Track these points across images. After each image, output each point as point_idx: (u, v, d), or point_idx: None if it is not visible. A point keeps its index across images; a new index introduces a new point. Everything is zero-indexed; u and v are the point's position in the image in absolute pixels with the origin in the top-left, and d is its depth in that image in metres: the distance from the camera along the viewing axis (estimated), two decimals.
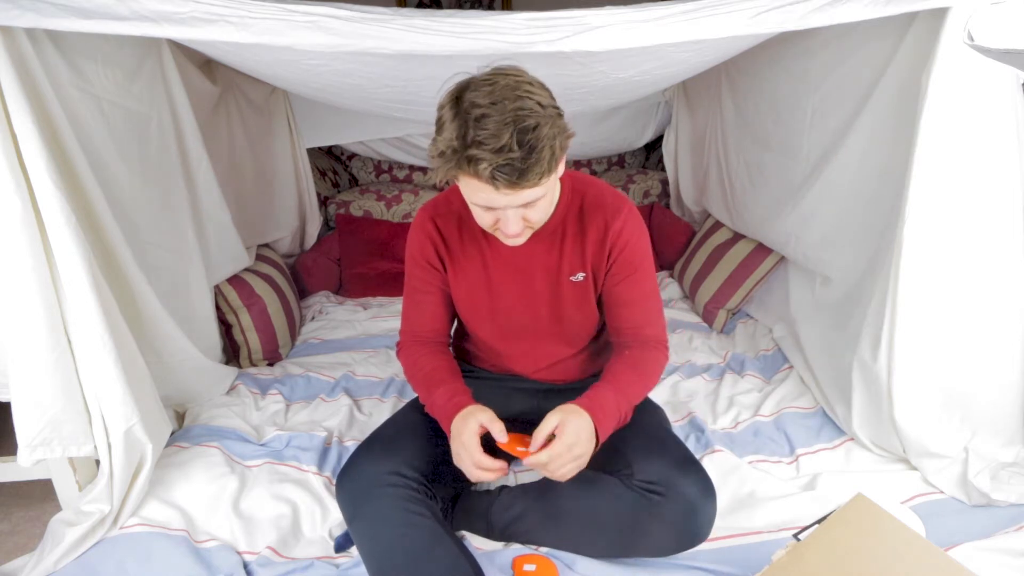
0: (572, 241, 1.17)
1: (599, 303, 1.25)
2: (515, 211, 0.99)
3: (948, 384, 1.31)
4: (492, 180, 0.90)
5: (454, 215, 1.20)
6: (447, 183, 1.06)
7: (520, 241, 1.07)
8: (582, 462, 1.05)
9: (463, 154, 0.89)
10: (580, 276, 1.19)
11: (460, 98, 0.91)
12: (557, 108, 0.95)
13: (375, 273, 2.51)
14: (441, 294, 1.26)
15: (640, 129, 2.80)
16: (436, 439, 1.18)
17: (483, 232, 1.16)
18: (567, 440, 1.03)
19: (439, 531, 1.06)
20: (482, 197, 0.96)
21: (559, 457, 1.02)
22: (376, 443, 1.20)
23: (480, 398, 1.16)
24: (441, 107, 0.94)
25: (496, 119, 0.88)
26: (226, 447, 1.44)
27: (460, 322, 1.43)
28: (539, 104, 0.91)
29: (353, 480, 1.11)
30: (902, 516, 1.06)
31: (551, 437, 1.05)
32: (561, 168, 1.02)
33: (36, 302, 1.09)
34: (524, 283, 1.20)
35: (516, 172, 0.89)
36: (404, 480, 1.08)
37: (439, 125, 0.94)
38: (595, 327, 1.29)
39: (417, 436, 1.20)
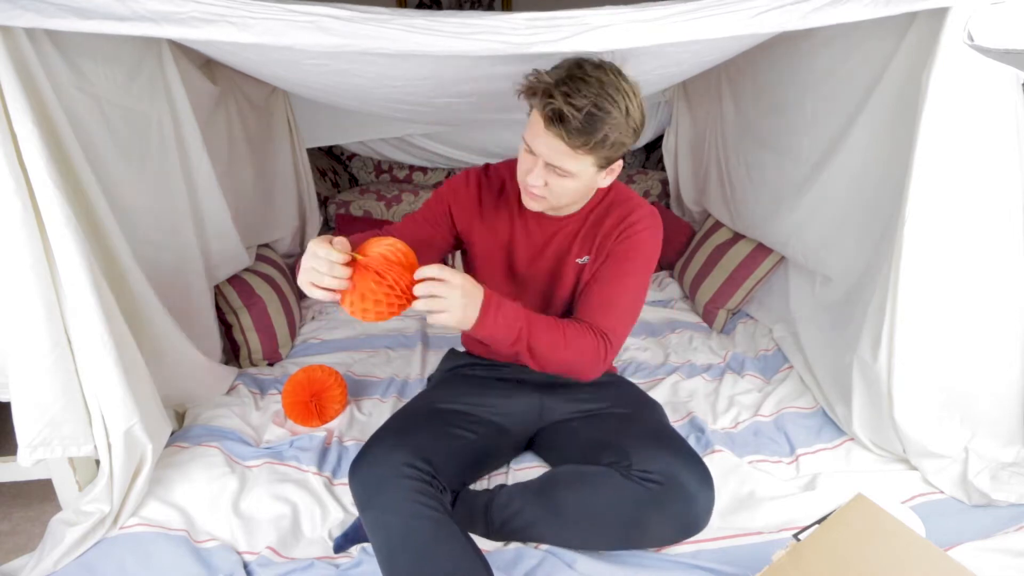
0: (590, 229, 1.25)
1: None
2: (546, 167, 1.09)
3: (948, 384, 1.31)
4: (548, 119, 1.03)
5: (499, 179, 1.31)
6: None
7: (535, 205, 1.16)
8: (440, 302, 0.98)
9: (552, 88, 1.02)
10: (585, 259, 1.26)
11: (586, 61, 1.05)
12: (634, 131, 1.08)
13: None
14: (429, 228, 1.29)
15: None
16: (447, 432, 1.23)
17: (517, 199, 1.27)
18: (446, 272, 0.98)
19: (450, 524, 1.07)
20: (531, 134, 1.08)
21: (428, 280, 0.97)
22: (390, 433, 1.22)
23: (484, 396, 1.25)
24: (567, 60, 1.08)
25: (592, 90, 1.01)
26: (226, 447, 1.44)
27: None
28: (626, 113, 1.04)
29: (368, 468, 1.12)
30: (902, 516, 1.06)
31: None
32: (604, 176, 1.14)
33: (36, 302, 1.09)
34: (538, 251, 1.29)
35: (568, 127, 1.01)
36: (417, 472, 1.09)
37: (555, 65, 1.07)
38: None
39: (429, 429, 1.23)
